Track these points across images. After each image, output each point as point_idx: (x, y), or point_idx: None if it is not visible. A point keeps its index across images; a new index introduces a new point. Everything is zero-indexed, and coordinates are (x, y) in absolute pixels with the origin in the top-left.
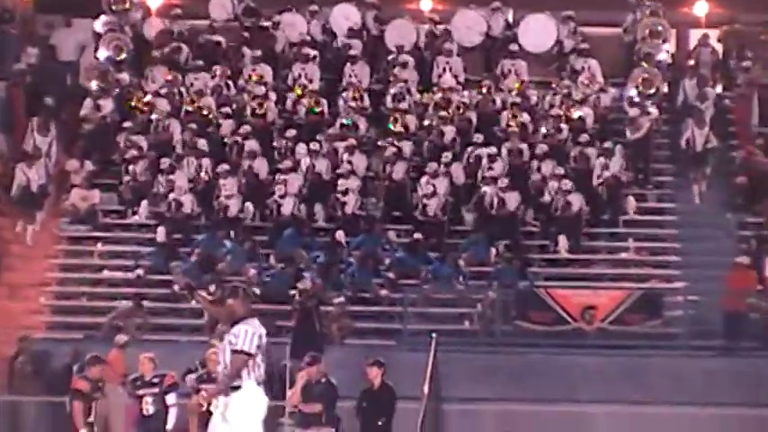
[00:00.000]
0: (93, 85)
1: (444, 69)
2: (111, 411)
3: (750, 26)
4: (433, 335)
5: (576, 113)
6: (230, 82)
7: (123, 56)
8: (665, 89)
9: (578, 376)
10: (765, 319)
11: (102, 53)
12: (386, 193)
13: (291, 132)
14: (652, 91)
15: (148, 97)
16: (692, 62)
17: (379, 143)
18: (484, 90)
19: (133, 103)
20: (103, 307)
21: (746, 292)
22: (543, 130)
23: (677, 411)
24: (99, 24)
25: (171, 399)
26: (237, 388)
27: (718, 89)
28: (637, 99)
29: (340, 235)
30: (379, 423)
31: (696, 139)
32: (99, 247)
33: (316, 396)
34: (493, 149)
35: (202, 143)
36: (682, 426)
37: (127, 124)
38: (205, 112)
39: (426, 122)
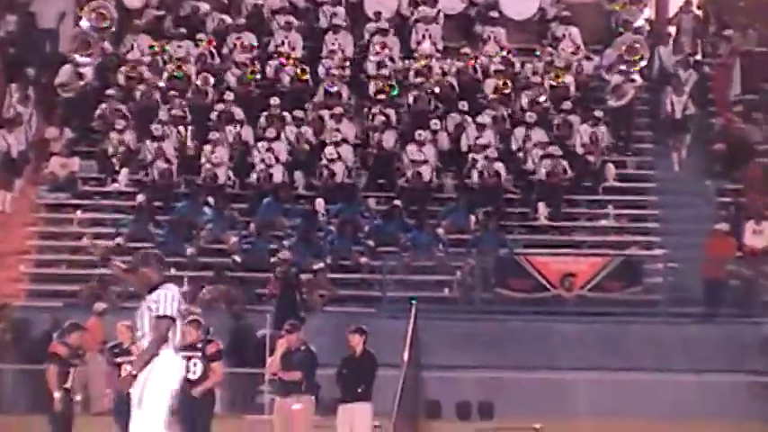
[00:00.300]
0: (76, 53)
1: (424, 36)
2: (91, 378)
3: None
4: (413, 302)
5: (561, 80)
6: (214, 50)
7: (106, 24)
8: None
9: (558, 343)
10: (745, 286)
11: (85, 21)
12: (373, 162)
13: (275, 101)
14: (638, 58)
15: (144, 69)
16: (673, 29)
17: (370, 111)
18: (467, 58)
19: (124, 73)
20: (83, 275)
21: (726, 259)
22: (525, 97)
23: (657, 378)
24: None
25: None
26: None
27: (698, 57)
28: (623, 66)
29: (319, 203)
30: (359, 390)
31: (675, 107)
32: (78, 215)
33: (295, 364)
34: (485, 118)
35: (186, 111)
36: (661, 392)
37: (110, 92)
38: (186, 79)
39: (410, 90)
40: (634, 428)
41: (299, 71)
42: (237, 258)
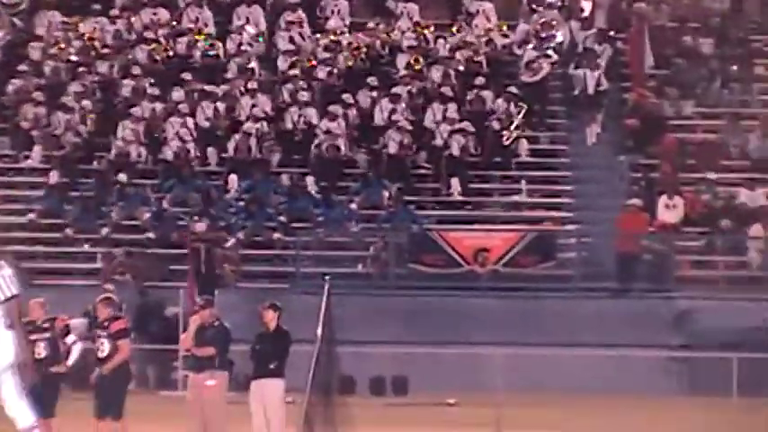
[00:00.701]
0: None
1: (332, 12)
2: None
3: None
4: (327, 277)
5: (474, 56)
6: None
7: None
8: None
9: (472, 318)
10: (658, 261)
11: None
12: (283, 137)
13: (187, 76)
14: (553, 33)
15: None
16: (587, 4)
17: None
18: (377, 32)
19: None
20: None
21: (639, 234)
22: (437, 72)
23: (571, 353)
24: None
25: (71, 338)
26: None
27: (611, 32)
28: (538, 42)
29: (232, 179)
30: (272, 366)
31: (588, 82)
32: None
33: (208, 340)
34: (398, 93)
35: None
36: (575, 367)
37: (22, 67)
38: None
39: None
40: (549, 403)
41: (210, 46)
42: (151, 234)
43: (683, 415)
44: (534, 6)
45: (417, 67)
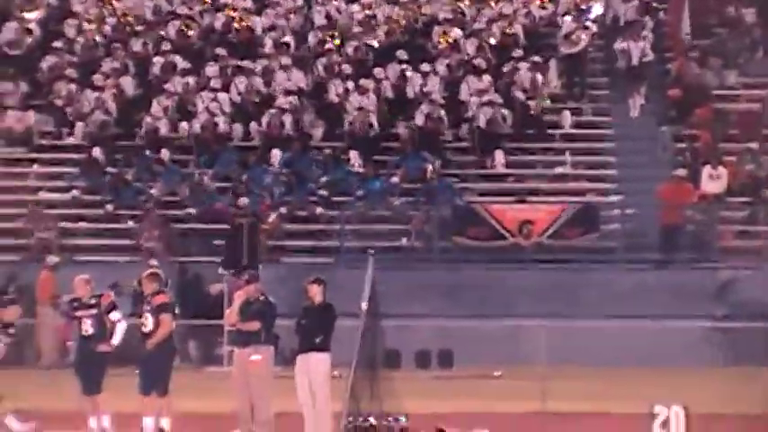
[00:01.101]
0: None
1: None
2: (41, 332)
3: None
4: (371, 252)
5: (510, 28)
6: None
7: None
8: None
9: (516, 291)
10: (701, 232)
11: None
12: (322, 111)
13: (223, 51)
14: (592, 5)
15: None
16: None
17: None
18: (412, 6)
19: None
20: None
21: (683, 205)
22: (471, 45)
23: (614, 325)
24: None
25: (115, 315)
26: None
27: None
28: (585, 15)
29: (274, 153)
30: (317, 340)
31: (633, 53)
32: (35, 169)
33: (254, 314)
34: (435, 66)
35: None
36: (619, 339)
37: (57, 44)
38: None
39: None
40: (592, 375)
41: (245, 23)
42: (192, 210)
43: (725, 386)
44: None
45: (449, 40)
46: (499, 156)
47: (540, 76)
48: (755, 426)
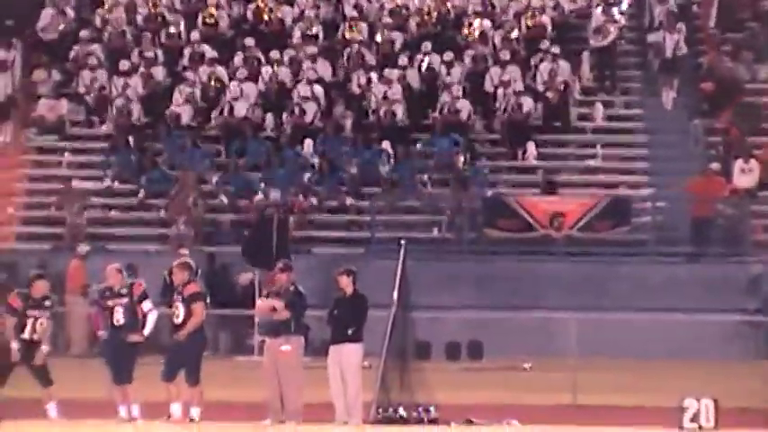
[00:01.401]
0: None
1: None
2: (71, 321)
3: None
4: (402, 242)
5: (538, 19)
6: None
7: None
8: None
9: (546, 283)
10: (732, 225)
11: None
12: (349, 101)
13: (251, 41)
14: None
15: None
16: None
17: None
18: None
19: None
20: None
21: (714, 199)
22: (499, 36)
23: (644, 318)
24: None
25: (147, 305)
26: None
27: None
28: (614, 8)
29: (308, 144)
30: (349, 331)
31: (667, 45)
32: (67, 157)
33: (285, 304)
34: (449, 55)
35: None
36: (650, 332)
37: (83, 34)
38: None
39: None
40: (622, 368)
41: (274, 13)
42: (224, 198)
43: (756, 380)
44: None
45: (476, 31)
46: (531, 147)
47: (566, 68)
48: None
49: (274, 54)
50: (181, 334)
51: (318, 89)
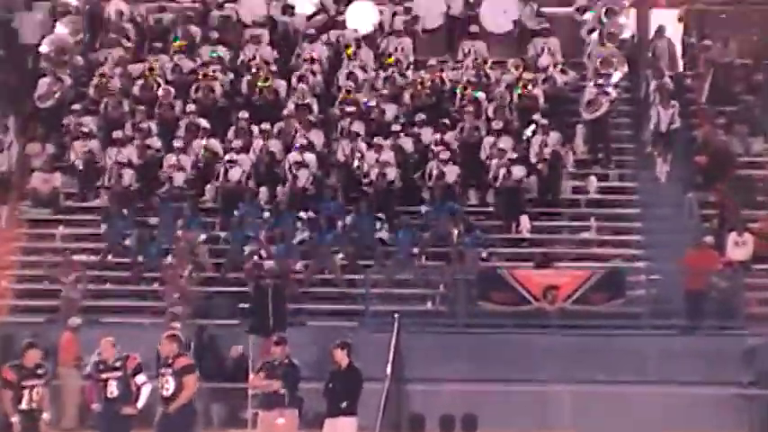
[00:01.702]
0: (53, 61)
1: (396, 49)
2: (64, 393)
3: (711, 5)
4: (396, 316)
5: (530, 91)
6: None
7: (78, 37)
8: (626, 69)
9: (541, 356)
10: (726, 298)
11: (61, 28)
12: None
13: (245, 114)
14: (612, 71)
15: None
16: (649, 53)
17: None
18: (436, 69)
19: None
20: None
21: (708, 272)
22: (492, 107)
23: (639, 390)
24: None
25: (141, 378)
26: None
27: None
28: (598, 80)
29: (305, 214)
30: (344, 405)
31: (661, 119)
32: (61, 230)
33: (279, 377)
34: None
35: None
36: (644, 405)
37: (76, 106)
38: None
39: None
40: None
41: (268, 85)
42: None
43: None
44: (605, 42)
45: (468, 97)
46: (524, 220)
47: (557, 138)
48: None
49: (266, 126)
50: (172, 407)
51: (310, 156)
